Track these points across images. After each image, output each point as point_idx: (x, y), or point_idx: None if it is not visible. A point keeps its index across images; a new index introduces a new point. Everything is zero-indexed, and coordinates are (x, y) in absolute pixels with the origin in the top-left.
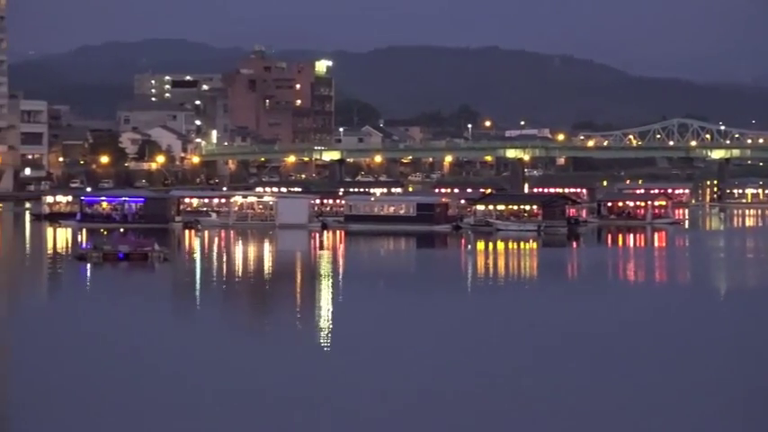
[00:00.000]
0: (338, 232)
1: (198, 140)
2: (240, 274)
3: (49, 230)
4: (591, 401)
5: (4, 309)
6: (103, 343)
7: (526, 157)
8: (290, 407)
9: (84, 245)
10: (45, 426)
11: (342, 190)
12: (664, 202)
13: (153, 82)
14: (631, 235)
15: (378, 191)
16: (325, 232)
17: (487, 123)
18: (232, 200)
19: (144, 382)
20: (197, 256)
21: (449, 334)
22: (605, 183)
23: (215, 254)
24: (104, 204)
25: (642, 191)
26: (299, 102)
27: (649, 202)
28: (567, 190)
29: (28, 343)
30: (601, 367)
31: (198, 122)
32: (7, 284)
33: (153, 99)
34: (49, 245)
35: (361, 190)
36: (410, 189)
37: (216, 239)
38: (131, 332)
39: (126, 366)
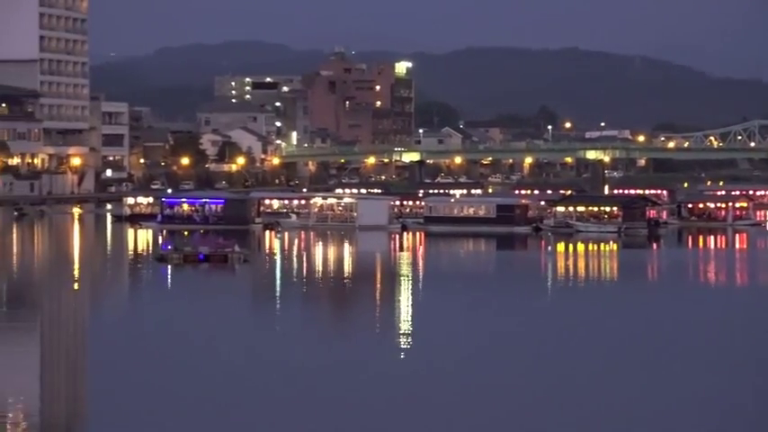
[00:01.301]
0: (418, 234)
1: (278, 142)
2: (320, 275)
3: (130, 232)
4: (672, 404)
5: (86, 310)
6: (184, 343)
7: (606, 159)
8: (369, 407)
9: (164, 246)
10: (124, 426)
11: (421, 191)
12: (745, 204)
13: (233, 84)
14: (712, 237)
15: (457, 192)
16: (404, 234)
17: (567, 125)
18: (312, 201)
19: (224, 384)
20: (277, 257)
21: (528, 336)
22: (686, 184)
23: (295, 255)
24: (185, 206)
25: (723, 192)
26: (378, 103)
27: (730, 204)
28: (647, 191)
29: (109, 344)
30: (683, 370)
31: (278, 124)
32: (89, 286)
33: (233, 101)
34: (130, 246)
35: (441, 191)
36: (490, 190)
37: (296, 241)
38: (211, 333)
39: (206, 367)
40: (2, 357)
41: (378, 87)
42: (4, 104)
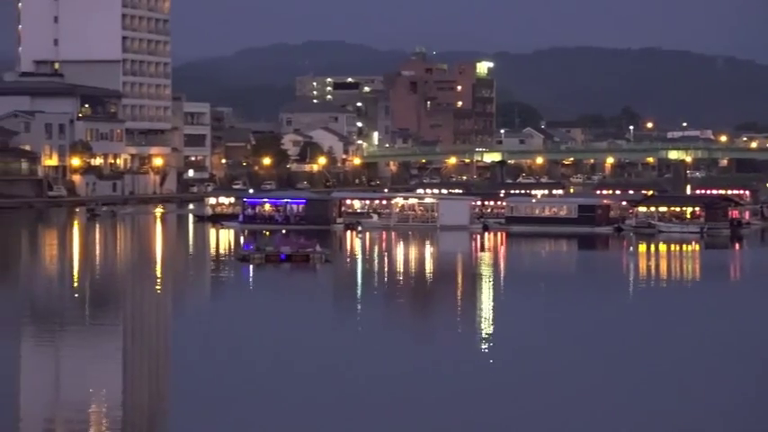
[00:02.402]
0: (499, 234)
1: (359, 142)
2: (401, 275)
3: (212, 232)
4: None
5: (169, 310)
6: (265, 343)
7: (688, 159)
8: (450, 407)
9: (246, 246)
10: (205, 422)
11: (503, 191)
12: None
13: (315, 84)
14: None
15: (539, 192)
16: (486, 234)
17: (649, 125)
18: (393, 201)
19: (306, 382)
20: (358, 257)
21: (610, 337)
22: None
23: (376, 255)
24: (266, 206)
25: None
26: (460, 103)
27: None
28: (729, 192)
29: (191, 343)
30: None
31: (359, 124)
32: (171, 286)
33: (315, 101)
34: (212, 246)
35: (523, 192)
36: (571, 191)
37: (377, 241)
38: (293, 332)
39: (287, 365)
40: (86, 355)
41: (459, 87)
42: (87, 105)
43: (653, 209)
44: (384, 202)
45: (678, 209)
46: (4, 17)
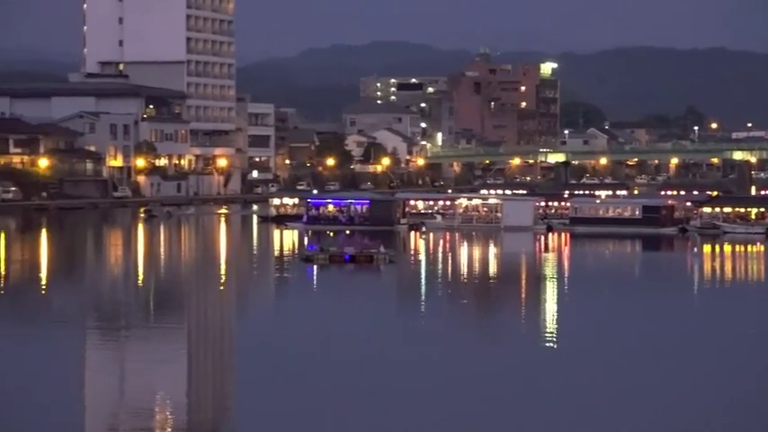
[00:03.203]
0: (563, 234)
1: (423, 143)
2: (465, 276)
3: (276, 232)
4: None
5: (233, 310)
6: (329, 343)
7: (753, 159)
8: (517, 407)
9: (310, 247)
10: (270, 423)
11: (567, 192)
12: None
13: (378, 84)
14: None
15: (603, 193)
16: (550, 235)
17: (714, 125)
18: (457, 202)
19: (371, 384)
20: (422, 258)
21: (675, 337)
22: None
23: (440, 256)
24: (330, 207)
25: None
26: (524, 104)
27: None
28: None
29: (257, 343)
30: None
31: (423, 125)
32: (235, 286)
33: (378, 102)
34: (276, 247)
35: (587, 192)
36: (635, 191)
37: (440, 242)
38: (357, 333)
39: (352, 367)
40: (151, 356)
41: (523, 88)
42: (151, 106)
43: (717, 209)
44: (448, 202)
45: (743, 209)
46: (70, 19)
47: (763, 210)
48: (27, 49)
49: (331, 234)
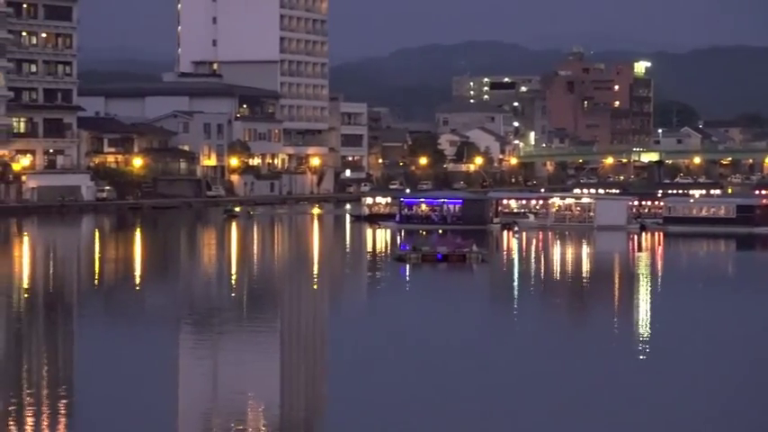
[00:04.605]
0: (657, 234)
1: (516, 142)
2: (558, 275)
3: (369, 232)
4: None
5: (326, 309)
6: (423, 344)
7: None
8: (608, 409)
9: (403, 246)
10: (363, 424)
11: (660, 191)
12: None
13: (471, 84)
14: None
15: (697, 192)
16: (643, 234)
17: None
18: (550, 201)
19: (464, 383)
20: (515, 257)
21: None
22: None
23: (533, 255)
24: (423, 206)
25: None
26: (617, 103)
27: None
28: None
29: (350, 343)
30: None
31: (516, 124)
32: (329, 285)
33: (471, 101)
34: (369, 246)
35: (680, 191)
36: (729, 191)
37: (533, 241)
38: (450, 332)
39: (445, 366)
40: (244, 356)
41: (616, 87)
42: (245, 105)
43: None
44: (541, 202)
45: None
46: (165, 19)
47: None
48: (121, 49)
49: (424, 233)
